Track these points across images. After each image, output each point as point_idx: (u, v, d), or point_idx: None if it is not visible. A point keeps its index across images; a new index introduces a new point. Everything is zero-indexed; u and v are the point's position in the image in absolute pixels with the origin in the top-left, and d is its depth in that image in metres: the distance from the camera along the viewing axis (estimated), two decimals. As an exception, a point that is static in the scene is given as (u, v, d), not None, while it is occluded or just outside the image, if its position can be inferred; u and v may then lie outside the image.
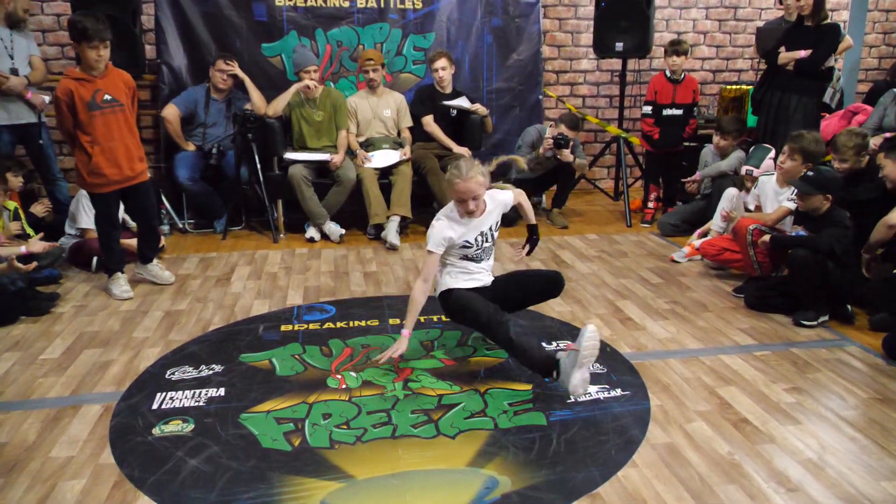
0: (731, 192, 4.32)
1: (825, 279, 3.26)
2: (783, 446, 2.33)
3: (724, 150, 4.83)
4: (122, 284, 3.77)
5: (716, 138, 4.87)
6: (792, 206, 3.61)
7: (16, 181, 4.16)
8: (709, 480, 2.15)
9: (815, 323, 3.31)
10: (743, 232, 3.65)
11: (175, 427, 2.45)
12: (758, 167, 4.24)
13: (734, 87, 5.81)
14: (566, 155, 4.93)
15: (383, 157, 4.98)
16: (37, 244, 3.72)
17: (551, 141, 4.92)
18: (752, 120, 5.23)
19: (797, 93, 4.57)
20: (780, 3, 4.67)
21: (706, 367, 2.92)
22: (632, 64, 5.86)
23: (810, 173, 3.34)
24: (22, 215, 4.05)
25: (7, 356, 3.04)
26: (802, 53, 4.47)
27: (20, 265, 3.40)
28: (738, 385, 2.76)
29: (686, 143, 5.32)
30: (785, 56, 4.54)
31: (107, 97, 3.51)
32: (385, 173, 4.95)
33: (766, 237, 3.53)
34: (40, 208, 4.43)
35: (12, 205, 4.06)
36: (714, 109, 6.14)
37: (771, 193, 3.85)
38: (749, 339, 3.21)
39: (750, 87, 5.53)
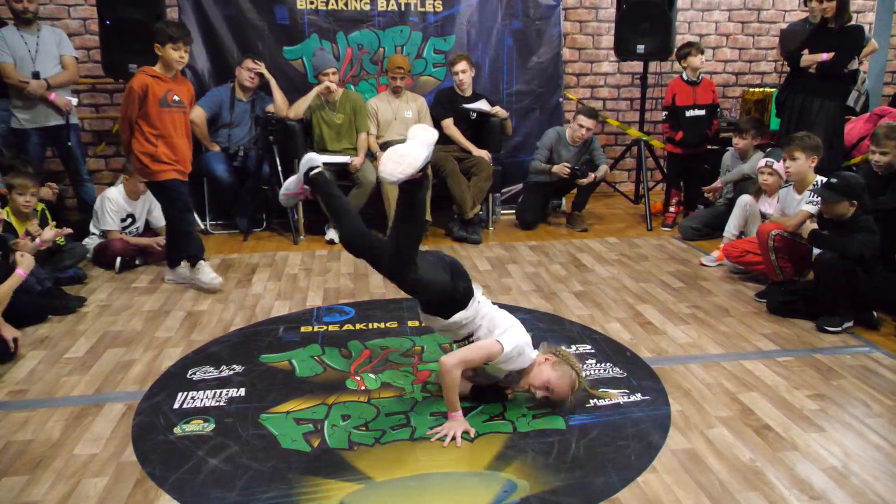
0: (744, 200, 4.30)
1: (852, 284, 3.22)
2: (806, 454, 2.30)
3: (745, 150, 4.79)
4: (208, 272, 3.84)
5: (735, 139, 4.84)
6: (812, 209, 3.55)
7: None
8: (730, 487, 2.13)
9: (839, 329, 3.27)
10: (765, 237, 3.62)
11: (196, 426, 2.47)
12: (778, 160, 4.21)
13: (757, 89, 5.75)
14: (585, 182, 4.99)
15: (403, 160, 4.99)
16: (47, 233, 3.76)
17: (568, 170, 4.94)
18: (775, 123, 5.17)
19: (820, 96, 4.51)
20: (806, 4, 4.62)
21: (727, 372, 2.89)
22: (653, 66, 5.82)
23: (833, 180, 3.28)
24: (49, 216, 4.11)
25: (33, 354, 3.09)
26: (825, 56, 4.41)
27: (28, 242, 3.52)
28: (760, 391, 2.73)
29: (708, 147, 5.28)
30: (807, 59, 4.49)
31: (175, 98, 3.70)
32: (405, 176, 4.95)
33: (808, 229, 3.46)
34: (47, 191, 4.42)
35: (39, 206, 4.12)
36: (737, 112, 6.08)
37: (792, 202, 3.81)
38: (772, 344, 3.17)
39: (773, 89, 5.47)
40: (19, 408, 2.62)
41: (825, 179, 3.57)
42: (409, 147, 2.33)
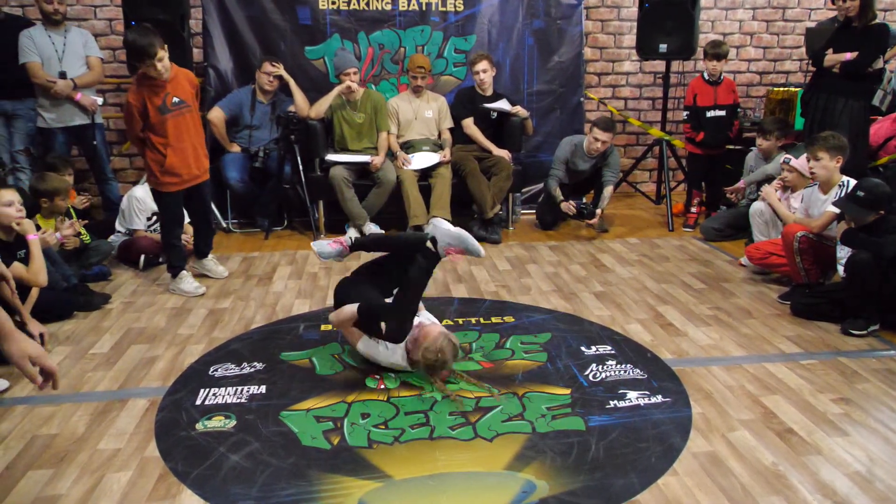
0: (756, 208, 4.27)
1: (882, 287, 3.16)
2: (830, 458, 2.27)
3: (768, 151, 4.73)
4: (191, 281, 3.87)
5: (759, 140, 4.78)
6: (837, 209, 3.50)
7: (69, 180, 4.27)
8: (752, 491, 2.10)
9: (864, 332, 3.22)
10: (790, 239, 3.57)
11: (217, 423, 2.50)
12: (797, 157, 4.16)
13: (781, 89, 5.68)
14: (594, 222, 4.93)
15: (423, 159, 5.01)
16: (66, 229, 3.82)
17: (574, 209, 4.91)
18: (799, 122, 5.11)
19: (844, 95, 4.45)
20: (833, 2, 4.55)
21: (750, 374, 2.86)
22: (675, 66, 5.77)
23: (860, 193, 3.21)
24: (74, 214, 4.18)
25: (59, 350, 3.14)
26: (848, 56, 4.35)
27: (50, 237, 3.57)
28: (783, 394, 2.69)
29: (730, 147, 5.23)
30: (831, 58, 4.43)
31: (175, 100, 3.62)
32: (425, 175, 4.97)
33: (839, 229, 3.41)
34: (80, 201, 4.53)
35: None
36: (760, 112, 6.01)
37: (817, 202, 3.75)
38: (795, 347, 3.13)
39: (798, 89, 5.40)
40: (45, 402, 2.66)
41: (849, 180, 3.53)
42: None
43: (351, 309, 2.78)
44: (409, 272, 2.74)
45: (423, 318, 2.87)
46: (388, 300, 2.88)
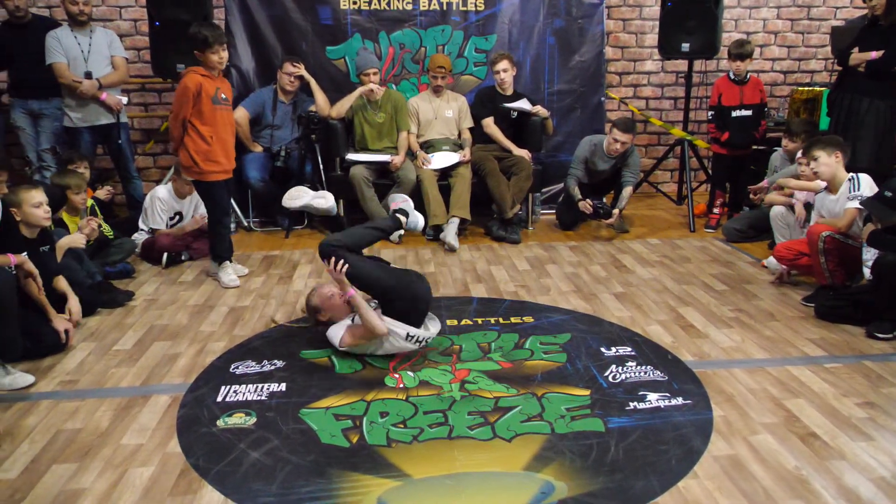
0: (777, 212, 4.22)
1: None
2: (854, 463, 2.24)
3: (794, 153, 4.66)
4: (230, 273, 3.97)
5: (785, 141, 4.71)
6: (857, 204, 3.44)
7: (85, 174, 4.31)
8: (774, 495, 2.08)
9: (890, 335, 3.16)
10: (815, 238, 3.52)
11: (238, 420, 2.52)
12: None
13: (806, 88, 5.61)
14: (610, 222, 4.91)
15: (443, 159, 5.01)
16: (86, 227, 3.87)
17: (590, 208, 4.87)
18: (824, 122, 5.03)
19: (869, 95, 4.38)
20: (864, 1, 4.47)
21: (773, 377, 2.83)
22: (698, 65, 5.72)
23: (888, 193, 3.15)
24: (98, 210, 4.24)
25: (83, 346, 3.19)
26: (874, 55, 4.28)
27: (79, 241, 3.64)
28: (807, 397, 2.66)
29: (755, 147, 5.17)
30: (856, 57, 4.37)
31: (223, 96, 3.80)
32: (444, 175, 4.98)
33: (865, 231, 3.36)
34: (103, 192, 4.58)
35: (89, 201, 4.24)
36: (784, 112, 5.94)
37: (830, 204, 3.70)
38: (819, 350, 3.09)
39: (824, 88, 5.33)
40: (70, 397, 2.71)
41: (857, 176, 3.48)
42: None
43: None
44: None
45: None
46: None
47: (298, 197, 3.51)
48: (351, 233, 3.16)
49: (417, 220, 3.44)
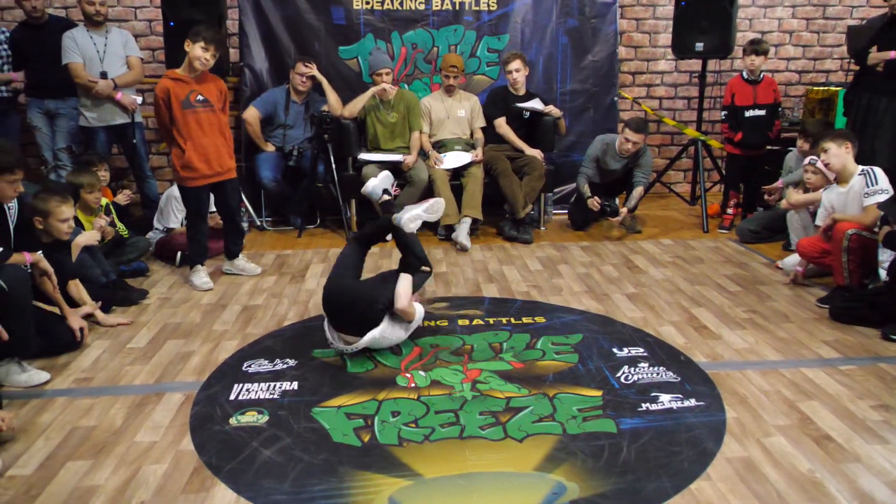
0: (793, 216, 4.18)
1: None
2: (869, 466, 2.22)
3: (809, 154, 4.62)
4: (202, 276, 3.96)
5: (800, 142, 4.67)
6: (879, 199, 3.40)
7: (99, 175, 4.34)
8: (787, 498, 2.07)
9: (906, 337, 3.14)
10: (840, 236, 3.45)
11: (251, 418, 2.53)
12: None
13: (821, 88, 5.56)
14: (617, 220, 4.91)
15: (455, 159, 5.01)
16: (98, 222, 3.92)
17: (598, 205, 4.86)
18: (840, 122, 4.99)
19: (887, 95, 4.33)
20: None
21: (786, 379, 2.81)
22: (712, 65, 5.69)
23: None
24: (113, 210, 4.27)
25: (98, 344, 3.21)
26: (893, 54, 4.24)
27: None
28: (821, 400, 2.64)
29: (769, 147, 5.13)
30: (875, 56, 4.32)
31: (199, 98, 3.74)
32: (457, 174, 4.98)
33: (884, 231, 3.31)
34: (122, 198, 4.64)
35: (104, 200, 4.27)
36: (799, 112, 5.89)
37: (838, 196, 3.65)
38: (833, 352, 3.07)
39: (839, 88, 5.28)
40: (84, 395, 2.73)
41: (871, 169, 3.46)
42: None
43: (406, 285, 3.02)
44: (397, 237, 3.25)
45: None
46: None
47: (415, 218, 3.29)
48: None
49: (376, 185, 3.49)
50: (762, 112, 4.99)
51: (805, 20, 6.15)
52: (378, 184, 3.48)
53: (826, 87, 5.54)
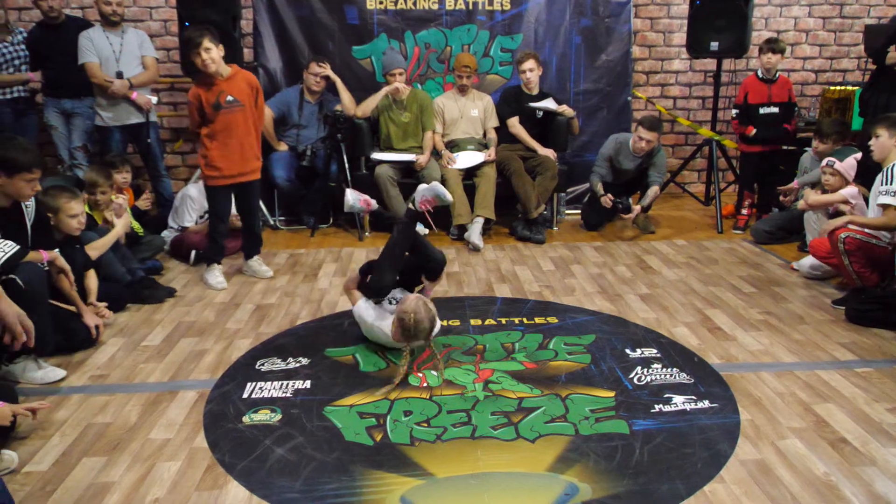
0: (811, 214, 4.14)
1: None
2: (885, 469, 2.19)
3: (825, 154, 4.57)
4: (217, 275, 3.98)
5: (815, 142, 4.63)
6: (885, 200, 3.36)
7: (120, 177, 4.38)
8: (802, 501, 2.05)
9: (924, 340, 3.10)
10: (834, 240, 3.44)
11: (263, 416, 2.54)
12: (842, 160, 4.02)
13: (838, 88, 5.51)
14: (630, 217, 4.91)
15: (468, 158, 5.01)
16: (117, 201, 3.97)
17: (611, 203, 4.84)
18: (857, 122, 4.94)
19: None
20: None
21: (801, 381, 2.78)
22: (727, 64, 5.65)
23: None
24: (128, 210, 4.30)
25: (113, 342, 3.24)
26: None
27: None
28: (837, 402, 2.61)
29: (784, 148, 5.08)
30: (894, 56, 4.27)
31: (229, 98, 3.75)
32: (469, 174, 4.98)
33: None
34: (144, 203, 4.70)
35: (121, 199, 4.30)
36: (815, 112, 5.84)
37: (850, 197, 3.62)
38: (849, 354, 3.04)
39: (856, 88, 5.23)
40: (99, 392, 2.75)
41: (892, 168, 3.41)
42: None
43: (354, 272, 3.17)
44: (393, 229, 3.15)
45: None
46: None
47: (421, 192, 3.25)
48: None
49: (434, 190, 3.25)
50: (776, 109, 4.94)
51: (822, 19, 6.09)
52: (351, 197, 3.57)
53: (843, 87, 5.49)
